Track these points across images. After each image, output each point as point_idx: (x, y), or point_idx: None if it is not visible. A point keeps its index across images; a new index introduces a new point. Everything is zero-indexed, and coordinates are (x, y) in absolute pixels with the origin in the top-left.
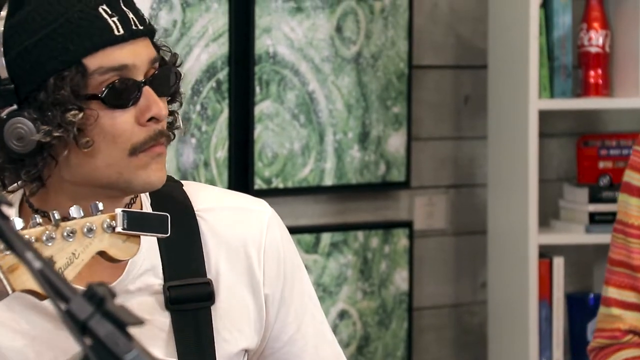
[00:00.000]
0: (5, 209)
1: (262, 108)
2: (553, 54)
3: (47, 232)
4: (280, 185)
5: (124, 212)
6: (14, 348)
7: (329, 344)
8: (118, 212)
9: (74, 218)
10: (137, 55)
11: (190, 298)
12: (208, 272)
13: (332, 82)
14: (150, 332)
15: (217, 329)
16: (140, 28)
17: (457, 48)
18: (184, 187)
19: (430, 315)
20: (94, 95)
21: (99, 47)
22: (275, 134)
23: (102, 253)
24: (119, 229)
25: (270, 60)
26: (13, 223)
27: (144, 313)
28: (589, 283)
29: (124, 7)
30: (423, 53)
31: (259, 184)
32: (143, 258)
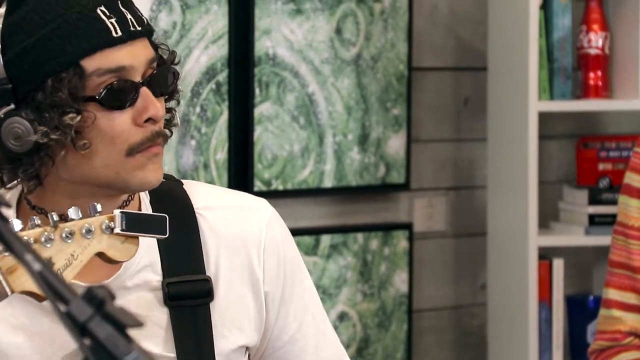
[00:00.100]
0: (5, 211)
1: (261, 110)
2: (553, 56)
3: (45, 233)
4: (280, 187)
5: (123, 213)
6: (14, 343)
7: (331, 344)
8: (116, 213)
9: (73, 219)
10: (135, 57)
11: (189, 295)
12: (207, 269)
13: (331, 84)
14: (149, 328)
15: (215, 326)
16: (139, 29)
17: (456, 50)
18: (184, 185)
19: (430, 317)
20: (92, 97)
21: (97, 48)
22: (275, 136)
23: (100, 254)
24: (118, 230)
25: (270, 62)
26: (12, 224)
27: (142, 309)
28: (589, 285)
29: (122, 8)
30: (423, 55)
31: (259, 186)
32: (141, 255)
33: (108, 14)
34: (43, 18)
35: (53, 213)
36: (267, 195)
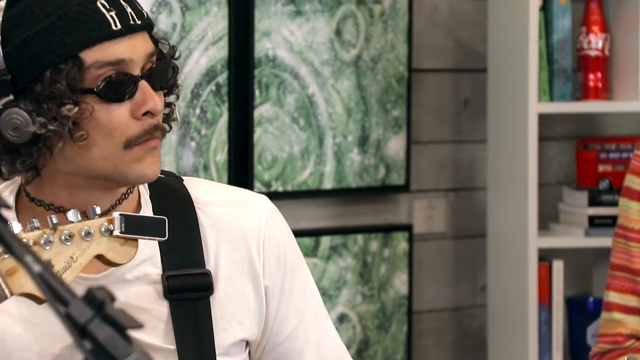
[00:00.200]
0: (5, 212)
1: (261, 111)
2: (552, 58)
3: (44, 235)
4: (280, 189)
5: (122, 215)
6: (15, 335)
7: (332, 341)
8: (115, 215)
9: (72, 222)
10: (134, 50)
11: (189, 288)
12: (207, 263)
13: (331, 85)
14: (149, 321)
15: (215, 319)
16: (138, 22)
17: (456, 51)
18: (184, 181)
19: (430, 319)
20: (90, 89)
21: (96, 41)
22: (275, 138)
23: (100, 256)
24: (117, 233)
25: (270, 64)
26: (11, 227)
27: (142, 302)
28: (589, 286)
29: (122, 1)
30: (423, 56)
31: (259, 187)
32: (141, 248)
33: (108, 7)
34: (43, 10)
35: (52, 216)
36: (267, 197)
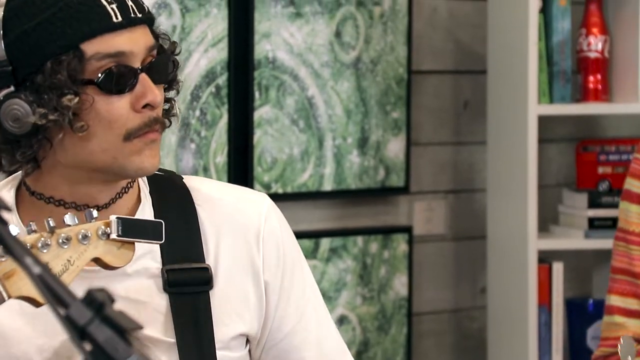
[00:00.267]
0: (5, 214)
1: (261, 113)
2: (552, 59)
3: (42, 239)
4: (280, 191)
5: (119, 219)
6: (15, 327)
7: (333, 339)
8: (112, 219)
9: (69, 225)
10: (134, 43)
11: (189, 282)
12: (207, 258)
13: (331, 87)
14: (149, 314)
15: (215, 313)
16: (139, 16)
17: (456, 53)
18: (184, 179)
19: (430, 321)
20: (90, 81)
21: (97, 33)
22: (275, 139)
23: (97, 260)
24: (114, 236)
25: (270, 66)
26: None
27: (142, 295)
28: (588, 288)
29: None
30: (422, 58)
31: (258, 189)
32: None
33: (109, 0)
34: (44, 2)
35: (50, 219)
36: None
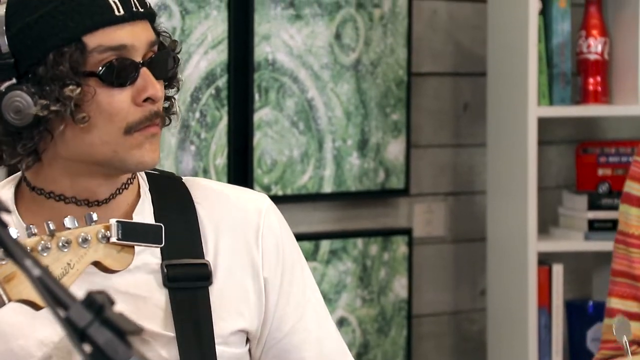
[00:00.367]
0: (4, 216)
1: (261, 115)
2: (552, 61)
3: (42, 242)
4: (280, 193)
5: (119, 222)
6: (13, 323)
7: (334, 339)
8: (112, 222)
9: (69, 228)
10: (136, 37)
11: (188, 277)
12: (206, 254)
13: (331, 89)
14: (149, 308)
15: (214, 309)
16: (141, 10)
17: (456, 55)
18: (183, 179)
19: (430, 323)
20: (92, 73)
21: (99, 25)
22: (275, 141)
23: (96, 263)
24: (114, 240)
25: (270, 68)
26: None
27: (142, 290)
28: (588, 290)
29: None
30: (422, 60)
31: (258, 191)
32: None
33: None
34: None
35: (49, 222)
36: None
